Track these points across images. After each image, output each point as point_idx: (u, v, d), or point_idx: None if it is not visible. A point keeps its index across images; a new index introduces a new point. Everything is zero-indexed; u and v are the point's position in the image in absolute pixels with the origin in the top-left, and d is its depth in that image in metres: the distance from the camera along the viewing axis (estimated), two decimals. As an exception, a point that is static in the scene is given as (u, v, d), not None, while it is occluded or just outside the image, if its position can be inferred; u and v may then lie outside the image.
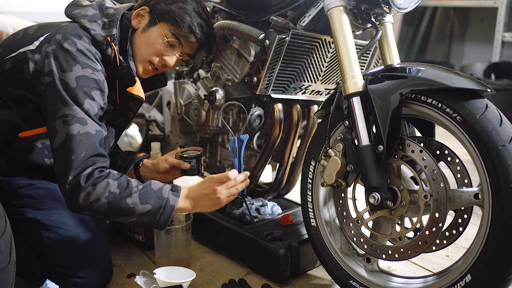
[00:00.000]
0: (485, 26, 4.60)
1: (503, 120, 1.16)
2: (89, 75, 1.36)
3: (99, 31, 1.43)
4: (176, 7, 1.48)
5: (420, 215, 1.29)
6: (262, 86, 1.59)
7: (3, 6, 3.44)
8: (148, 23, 1.49)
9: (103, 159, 1.36)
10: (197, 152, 1.67)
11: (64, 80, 1.33)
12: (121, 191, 1.31)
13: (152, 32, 1.49)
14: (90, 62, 1.37)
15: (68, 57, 1.35)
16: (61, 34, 1.38)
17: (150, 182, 1.37)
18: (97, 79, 1.37)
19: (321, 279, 1.66)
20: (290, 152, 1.81)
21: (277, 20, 1.51)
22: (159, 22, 1.48)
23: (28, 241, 1.51)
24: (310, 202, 1.55)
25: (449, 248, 1.78)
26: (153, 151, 1.87)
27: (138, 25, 1.50)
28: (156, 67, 1.52)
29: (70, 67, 1.34)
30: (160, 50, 1.48)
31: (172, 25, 1.48)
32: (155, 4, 1.49)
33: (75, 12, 1.47)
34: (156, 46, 1.48)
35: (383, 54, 1.50)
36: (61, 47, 1.36)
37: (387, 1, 1.33)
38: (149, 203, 1.33)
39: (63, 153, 1.31)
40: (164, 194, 1.35)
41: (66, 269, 1.47)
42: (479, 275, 1.16)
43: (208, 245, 1.90)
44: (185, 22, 1.47)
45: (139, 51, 1.51)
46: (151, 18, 1.49)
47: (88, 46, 1.39)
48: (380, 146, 1.27)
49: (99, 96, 1.38)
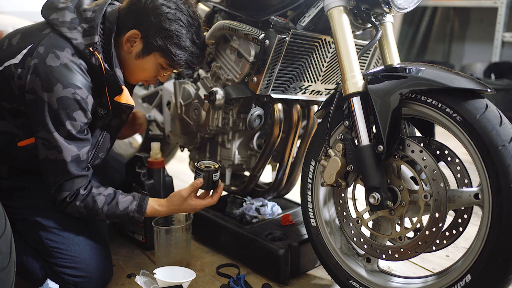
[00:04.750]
0: (485, 26, 4.60)
1: (503, 120, 1.16)
2: (71, 96, 1.34)
3: (80, 39, 1.39)
4: (171, 43, 1.43)
5: (420, 215, 1.29)
6: (262, 86, 1.59)
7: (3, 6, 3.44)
8: (142, 51, 1.46)
9: (80, 179, 1.44)
10: (215, 165, 1.58)
11: (46, 101, 1.34)
12: (88, 211, 1.47)
13: (147, 61, 1.47)
14: (73, 78, 1.35)
15: (50, 74, 1.33)
16: (43, 47, 1.36)
17: (117, 199, 1.49)
18: (79, 99, 1.36)
19: (321, 279, 1.66)
20: (290, 152, 1.81)
21: (277, 20, 1.51)
22: (154, 52, 1.45)
23: (27, 242, 1.51)
24: (310, 202, 1.55)
25: (449, 248, 1.78)
26: (153, 151, 1.87)
27: (130, 50, 1.46)
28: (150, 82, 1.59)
29: (52, 86, 1.33)
30: (155, 74, 1.52)
31: (168, 59, 1.46)
32: (148, 34, 1.43)
33: (53, 18, 1.42)
34: (153, 72, 1.51)
35: (383, 54, 1.50)
36: (43, 62, 1.34)
37: (387, 1, 1.33)
38: (115, 217, 1.50)
39: (44, 169, 1.42)
40: (129, 214, 1.50)
41: (66, 269, 1.47)
42: (479, 275, 1.16)
43: (208, 245, 1.90)
44: (182, 59, 1.46)
45: (134, 73, 1.52)
46: (144, 47, 1.45)
47: (71, 57, 1.37)
48: (380, 146, 1.27)
49: (81, 115, 1.38)
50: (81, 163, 1.43)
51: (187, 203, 1.55)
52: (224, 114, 1.79)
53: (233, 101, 1.71)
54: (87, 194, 1.45)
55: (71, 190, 1.43)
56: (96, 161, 1.58)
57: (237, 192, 1.92)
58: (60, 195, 1.43)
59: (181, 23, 1.43)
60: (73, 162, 1.40)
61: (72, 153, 1.39)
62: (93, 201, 1.45)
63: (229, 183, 1.95)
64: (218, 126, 1.79)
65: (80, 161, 1.42)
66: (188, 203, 1.55)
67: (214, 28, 1.73)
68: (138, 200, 1.51)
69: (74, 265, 1.48)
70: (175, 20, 1.42)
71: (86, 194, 1.45)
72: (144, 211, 1.51)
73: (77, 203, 1.44)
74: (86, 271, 1.48)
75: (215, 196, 1.60)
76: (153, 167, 1.85)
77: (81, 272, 1.48)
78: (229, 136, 1.86)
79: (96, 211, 1.46)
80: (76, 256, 1.48)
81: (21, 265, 1.47)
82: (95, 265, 1.51)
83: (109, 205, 1.47)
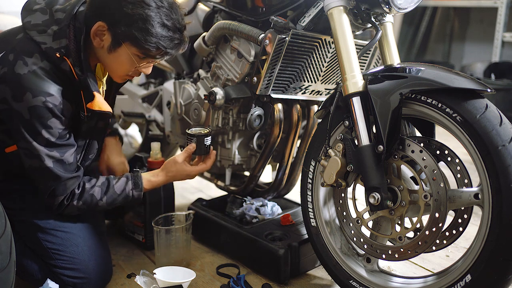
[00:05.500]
0: (485, 26, 4.60)
1: (503, 120, 1.16)
2: (41, 105, 1.30)
3: (50, 43, 1.33)
4: (137, 29, 1.31)
5: (420, 215, 1.29)
6: (262, 86, 1.59)
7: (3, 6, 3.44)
8: (112, 44, 1.35)
9: (72, 181, 1.41)
10: (205, 131, 1.61)
11: (18, 111, 1.30)
12: (88, 206, 1.46)
13: (120, 53, 1.37)
14: (42, 86, 1.30)
15: (18, 83, 1.29)
16: (13, 54, 1.31)
17: (112, 185, 1.48)
18: (51, 107, 1.31)
19: (321, 279, 1.66)
20: (290, 152, 1.81)
21: (277, 20, 1.51)
22: (124, 42, 1.34)
23: (26, 243, 1.50)
24: (310, 202, 1.55)
25: (449, 248, 1.78)
26: (153, 151, 1.87)
27: (101, 44, 1.36)
28: (134, 75, 1.48)
29: (21, 96, 1.29)
30: (133, 67, 1.40)
31: (139, 48, 1.35)
32: (113, 24, 1.32)
33: (26, 21, 1.36)
34: (129, 65, 1.40)
35: (383, 54, 1.50)
36: (12, 71, 1.29)
37: (387, 1, 1.33)
38: (117, 203, 1.50)
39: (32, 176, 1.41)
40: (128, 194, 1.50)
41: (65, 270, 1.47)
42: (479, 275, 1.16)
43: (208, 245, 1.90)
44: (151, 44, 1.33)
45: (111, 68, 1.43)
46: (113, 39, 1.35)
47: (40, 63, 1.31)
48: (380, 146, 1.27)
49: (57, 122, 1.34)
50: (68, 166, 1.40)
51: (182, 169, 1.55)
52: (224, 114, 1.78)
53: (233, 101, 1.71)
54: (82, 191, 1.44)
55: (66, 193, 1.41)
56: (86, 162, 1.56)
57: (237, 192, 1.92)
58: (56, 200, 1.41)
59: (145, 6, 1.30)
60: (59, 167, 1.37)
61: (54, 159, 1.36)
62: (90, 196, 1.45)
63: (229, 183, 1.95)
64: (218, 126, 1.79)
65: (67, 164, 1.39)
66: (183, 169, 1.55)
67: (214, 28, 1.73)
68: (133, 179, 1.51)
69: (73, 266, 1.48)
70: (137, 3, 1.30)
71: (81, 192, 1.44)
72: (142, 187, 1.51)
73: (75, 203, 1.44)
74: (85, 272, 1.48)
75: (208, 161, 1.61)
76: (153, 167, 1.85)
77: (80, 273, 1.48)
78: (229, 136, 1.86)
79: (96, 203, 1.46)
80: (75, 257, 1.48)
81: (20, 266, 1.47)
82: (94, 265, 1.50)
83: (107, 193, 1.47)
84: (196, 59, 2.00)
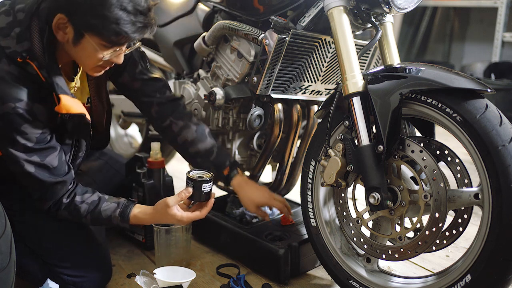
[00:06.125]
0: (485, 26, 4.60)
1: (503, 120, 1.16)
2: (11, 112, 1.25)
3: (14, 47, 1.26)
4: (94, 16, 1.21)
5: (420, 215, 1.29)
6: (262, 86, 1.59)
7: (3, 6, 3.44)
8: (75, 36, 1.26)
9: (59, 186, 1.38)
10: (206, 175, 1.48)
11: None
12: (73, 218, 1.44)
13: (85, 45, 1.27)
14: (10, 91, 1.25)
15: None
16: None
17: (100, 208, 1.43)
18: (21, 113, 1.26)
19: (321, 279, 1.66)
20: (290, 152, 1.81)
21: (277, 20, 1.51)
22: (86, 33, 1.25)
23: (26, 243, 1.50)
24: (310, 202, 1.55)
25: (449, 248, 1.78)
26: (153, 151, 1.87)
27: (66, 38, 1.28)
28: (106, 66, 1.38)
29: None
30: (101, 57, 1.30)
31: (100, 36, 1.25)
32: (72, 14, 1.23)
33: None
34: (97, 56, 1.29)
35: (383, 54, 1.49)
36: None
37: (387, 1, 1.33)
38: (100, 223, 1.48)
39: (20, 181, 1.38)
40: (113, 221, 1.45)
41: (65, 270, 1.47)
42: (479, 275, 1.16)
43: (208, 245, 1.90)
44: (112, 31, 1.23)
45: (81, 62, 1.36)
46: (75, 31, 1.26)
47: (8, 68, 1.25)
48: (380, 146, 1.27)
49: (31, 128, 1.29)
50: (54, 169, 1.36)
51: (172, 213, 1.43)
52: (224, 114, 1.78)
53: (233, 101, 1.71)
54: (69, 203, 1.41)
55: (54, 199, 1.39)
56: (77, 161, 1.51)
57: (237, 192, 1.92)
58: (45, 204, 1.40)
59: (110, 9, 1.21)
60: (41, 171, 1.34)
61: (35, 164, 1.32)
62: (76, 210, 1.42)
63: (229, 183, 1.95)
64: (218, 126, 1.79)
65: (51, 168, 1.35)
66: (173, 214, 1.43)
67: (214, 28, 1.73)
68: (122, 208, 1.45)
69: (73, 266, 1.48)
70: None
71: (69, 203, 1.41)
72: (127, 220, 1.44)
73: (61, 212, 1.42)
74: (85, 271, 1.48)
75: (204, 210, 1.48)
76: (153, 167, 1.85)
77: (80, 272, 1.48)
78: (229, 136, 1.86)
79: (80, 218, 1.43)
80: (75, 257, 1.48)
81: (20, 266, 1.46)
82: (93, 265, 1.50)
83: (92, 213, 1.43)
84: (196, 59, 2.00)
